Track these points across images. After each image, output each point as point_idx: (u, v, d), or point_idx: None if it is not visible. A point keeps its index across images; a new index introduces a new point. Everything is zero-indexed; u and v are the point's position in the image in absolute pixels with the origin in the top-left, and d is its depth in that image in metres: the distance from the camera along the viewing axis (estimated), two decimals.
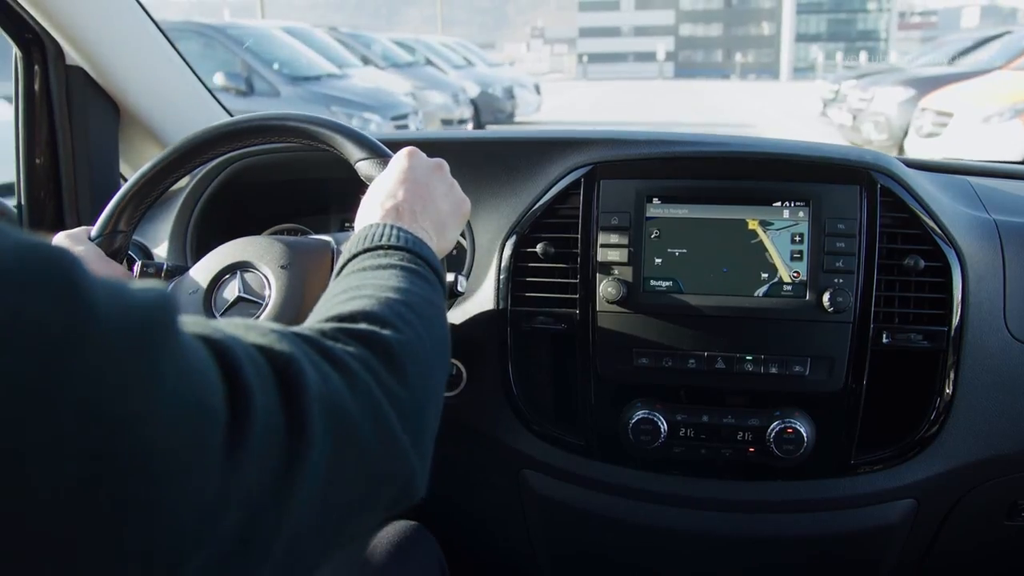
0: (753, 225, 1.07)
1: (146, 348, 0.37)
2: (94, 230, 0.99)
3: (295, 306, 0.92)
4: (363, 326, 0.57)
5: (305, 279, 0.94)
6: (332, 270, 0.95)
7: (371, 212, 0.78)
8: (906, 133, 7.66)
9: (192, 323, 0.44)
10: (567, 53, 59.11)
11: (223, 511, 0.39)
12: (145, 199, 1.01)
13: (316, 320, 0.59)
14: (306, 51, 7.97)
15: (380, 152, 0.93)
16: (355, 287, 0.63)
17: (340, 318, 0.58)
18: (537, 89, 14.58)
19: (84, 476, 0.33)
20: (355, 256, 0.69)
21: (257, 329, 0.50)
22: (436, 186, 0.83)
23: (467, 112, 10.44)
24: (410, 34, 14.40)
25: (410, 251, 0.70)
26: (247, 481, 0.41)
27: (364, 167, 0.93)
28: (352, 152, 0.94)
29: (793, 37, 47.85)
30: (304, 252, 0.97)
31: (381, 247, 0.69)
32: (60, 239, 0.97)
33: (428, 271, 0.70)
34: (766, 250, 1.07)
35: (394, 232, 0.71)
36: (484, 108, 11.72)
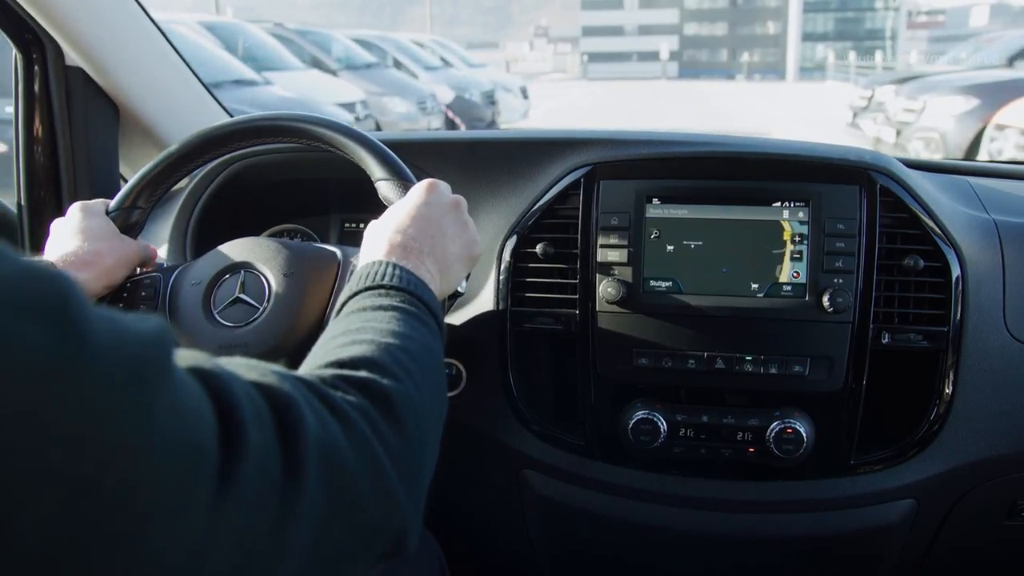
0: (785, 226, 1.07)
1: (139, 382, 0.36)
2: (112, 203, 1.00)
3: (291, 316, 0.92)
4: (363, 374, 0.56)
5: (305, 289, 0.94)
6: (335, 283, 0.95)
7: (377, 244, 0.77)
8: (971, 154, 6.09)
9: (190, 357, 0.44)
10: (571, 52, 58.44)
11: (212, 551, 0.39)
12: (164, 182, 1.02)
13: (316, 364, 0.59)
14: (219, 54, 6.58)
15: (403, 176, 0.93)
16: (355, 330, 0.63)
17: (340, 364, 0.58)
18: (524, 93, 13.39)
19: (67, 508, 0.32)
20: (355, 295, 0.69)
21: (258, 369, 0.49)
22: (448, 226, 0.82)
23: (436, 122, 9.38)
24: (412, 33, 13.40)
25: (411, 293, 0.69)
26: (239, 521, 0.40)
27: (384, 187, 0.93)
28: (374, 170, 0.94)
29: (799, 36, 46.96)
30: (309, 262, 0.97)
31: (382, 287, 0.69)
32: (76, 209, 0.97)
33: (428, 315, 0.69)
34: (780, 249, 1.06)
35: (396, 272, 0.70)
36: (459, 116, 10.12)
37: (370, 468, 0.50)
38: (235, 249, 0.98)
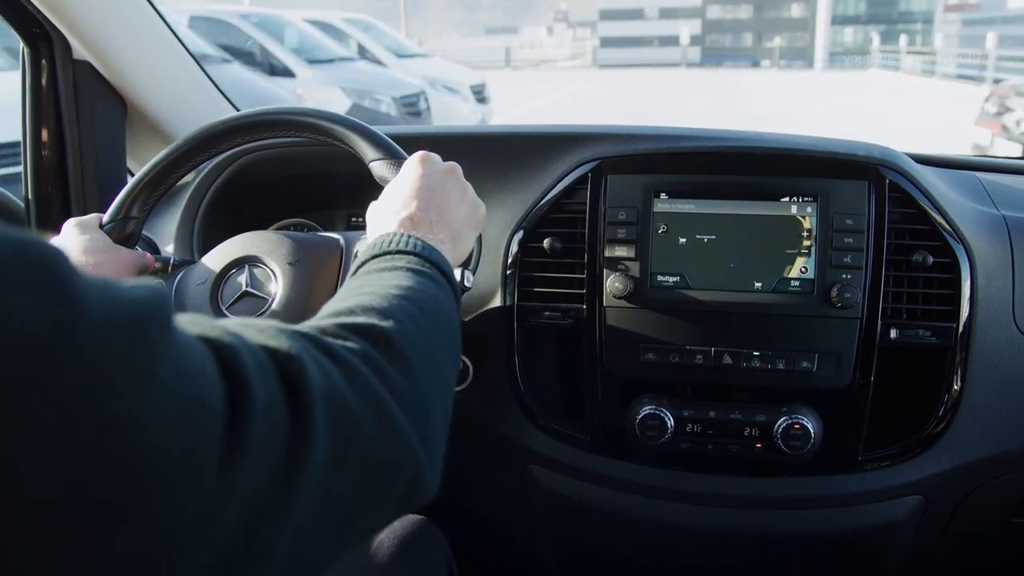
0: (802, 220, 1.06)
1: (138, 346, 0.36)
2: (106, 216, 1.00)
3: (301, 303, 0.93)
4: (362, 320, 0.56)
5: (312, 277, 0.94)
6: (340, 269, 0.96)
7: (385, 221, 0.77)
8: None
9: (190, 321, 0.44)
10: (590, 37, 56.42)
11: (222, 512, 0.38)
12: (157, 187, 1.01)
13: (317, 318, 0.58)
14: None
15: (395, 153, 0.93)
16: (358, 286, 0.63)
17: (339, 313, 0.58)
18: (479, 94, 9.25)
19: (73, 478, 0.32)
20: (365, 262, 0.69)
21: (256, 326, 0.49)
22: (450, 192, 0.82)
23: None
24: (312, 11, 9.30)
25: (421, 256, 0.69)
26: (248, 480, 0.40)
27: (378, 167, 0.93)
28: (366, 151, 0.94)
29: (829, 19, 44.69)
30: (313, 250, 0.97)
31: (391, 252, 0.69)
32: (70, 225, 0.97)
33: (438, 275, 0.69)
34: (788, 244, 1.06)
35: (407, 239, 0.70)
36: None
37: (375, 411, 0.50)
38: (237, 244, 0.98)
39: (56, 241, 0.96)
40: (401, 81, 7.93)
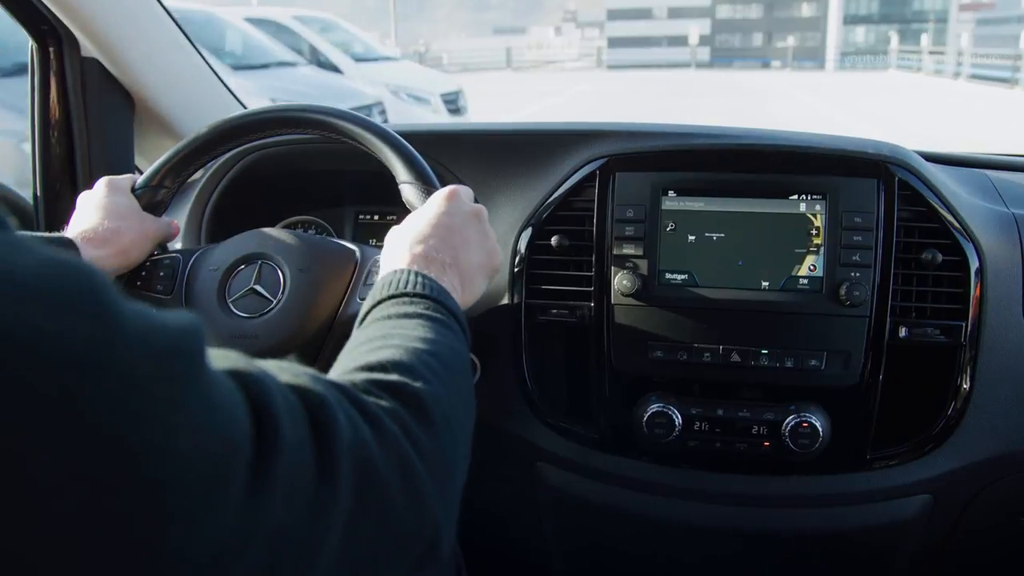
0: (811, 217, 1.06)
1: (171, 374, 0.35)
2: (140, 180, 1.01)
3: (303, 313, 0.93)
4: (393, 377, 0.56)
5: (319, 288, 0.94)
6: (351, 282, 0.96)
7: (399, 254, 0.76)
8: None
9: (224, 355, 0.43)
10: (599, 37, 55.44)
11: (242, 551, 0.38)
12: (191, 164, 1.02)
13: (344, 370, 0.58)
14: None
15: (428, 181, 0.93)
16: (382, 336, 0.62)
17: (370, 367, 0.57)
18: (453, 104, 7.96)
19: (88, 507, 0.31)
20: (380, 303, 0.68)
21: (291, 370, 0.49)
22: (470, 236, 0.81)
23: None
24: (261, 8, 8.46)
25: (435, 300, 0.68)
26: (271, 520, 0.39)
27: (407, 191, 0.93)
28: (399, 171, 0.94)
29: (841, 19, 43.27)
30: (326, 258, 0.97)
31: (407, 294, 0.68)
32: (103, 183, 0.98)
33: (454, 322, 0.68)
34: (796, 242, 1.06)
35: (419, 280, 0.70)
36: None
37: (400, 472, 0.50)
38: (254, 239, 0.98)
39: (86, 196, 0.97)
40: (353, 90, 6.74)
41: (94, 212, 0.94)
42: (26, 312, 0.30)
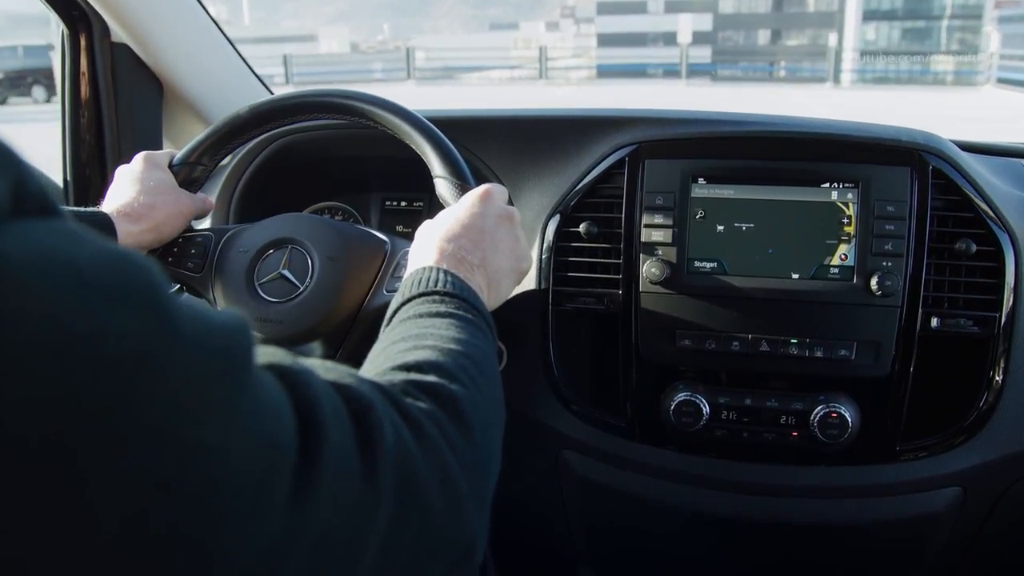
0: (843, 206, 1.05)
1: (224, 375, 0.35)
2: (178, 155, 1.02)
3: (329, 301, 0.93)
4: (432, 379, 0.56)
5: (347, 276, 0.94)
6: (379, 272, 0.96)
7: (429, 250, 0.76)
8: None
9: (270, 354, 0.43)
10: (593, 33, 53.99)
11: (287, 554, 0.37)
12: (229, 143, 1.03)
13: (380, 369, 0.57)
14: None
15: (463, 178, 0.92)
16: (415, 335, 0.62)
17: (407, 368, 0.57)
18: None
19: (142, 504, 0.31)
20: (409, 300, 0.68)
21: (336, 371, 0.49)
22: (500, 239, 0.81)
23: None
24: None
25: (466, 300, 0.68)
26: (316, 524, 0.39)
27: (441, 186, 0.93)
28: (435, 165, 0.94)
29: (860, 16, 38.95)
30: (356, 248, 0.97)
31: (436, 292, 0.68)
32: (141, 158, 0.99)
33: (483, 324, 0.68)
34: (828, 231, 1.05)
35: (449, 279, 0.69)
36: None
37: (440, 477, 0.49)
38: (286, 223, 0.99)
39: (124, 170, 0.98)
40: None
41: (130, 186, 0.95)
42: (89, 309, 0.30)
